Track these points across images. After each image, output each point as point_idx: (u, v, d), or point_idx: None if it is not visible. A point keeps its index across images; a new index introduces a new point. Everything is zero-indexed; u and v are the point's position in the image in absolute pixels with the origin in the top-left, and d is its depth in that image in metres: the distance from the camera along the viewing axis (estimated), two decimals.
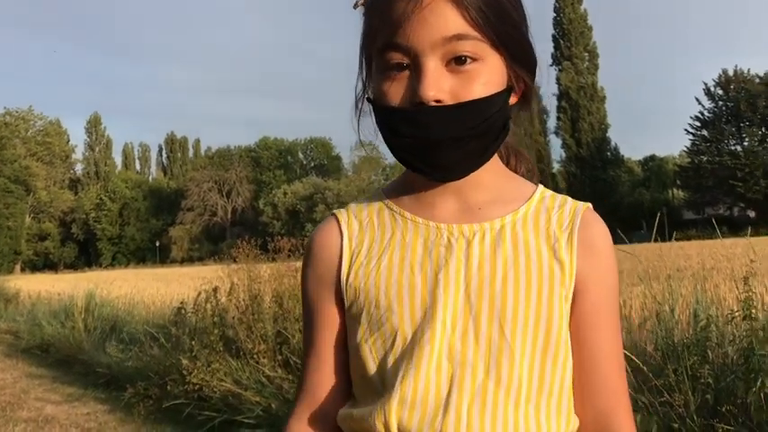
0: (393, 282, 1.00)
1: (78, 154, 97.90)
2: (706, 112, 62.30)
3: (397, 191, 1.08)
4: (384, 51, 0.95)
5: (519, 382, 0.94)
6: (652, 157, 78.94)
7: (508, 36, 0.95)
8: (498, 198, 1.04)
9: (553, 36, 68.32)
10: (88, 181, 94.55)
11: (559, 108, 66.61)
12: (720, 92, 61.44)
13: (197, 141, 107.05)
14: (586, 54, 67.32)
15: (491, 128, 0.96)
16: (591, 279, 1.00)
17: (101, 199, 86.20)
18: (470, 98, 0.92)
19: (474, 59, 0.92)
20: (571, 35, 66.75)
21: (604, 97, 66.83)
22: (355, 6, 1.00)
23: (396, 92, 0.95)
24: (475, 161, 0.97)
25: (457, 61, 0.92)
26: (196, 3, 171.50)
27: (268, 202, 76.39)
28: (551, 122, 68.92)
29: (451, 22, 0.91)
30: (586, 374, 1.00)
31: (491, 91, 0.94)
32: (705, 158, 61.11)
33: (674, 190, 71.41)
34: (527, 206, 1.04)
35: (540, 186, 1.09)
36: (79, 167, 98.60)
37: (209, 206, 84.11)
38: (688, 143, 63.99)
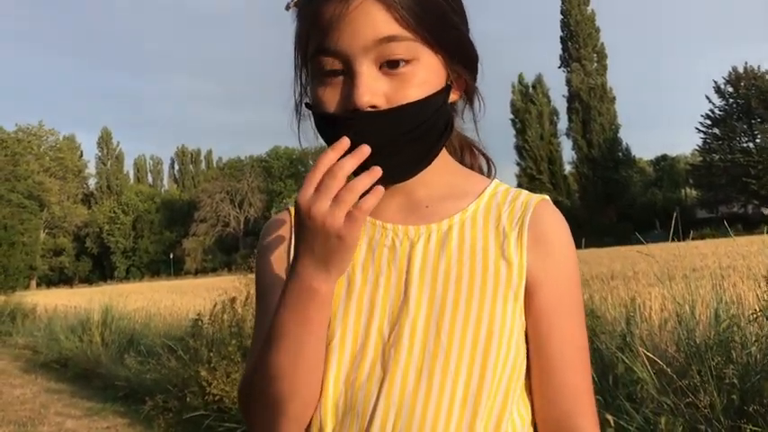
0: None
1: (91, 168, 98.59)
2: (717, 110, 61.94)
3: None
4: (316, 56, 0.93)
5: (452, 391, 0.90)
6: (664, 157, 78.67)
7: (444, 34, 0.93)
8: (448, 194, 1.02)
9: (561, 38, 68.29)
10: (101, 195, 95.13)
11: (570, 109, 66.47)
12: (731, 89, 61.07)
13: (209, 153, 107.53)
14: (595, 55, 67.16)
15: (431, 129, 0.93)
16: (544, 276, 0.96)
17: (114, 212, 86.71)
18: (406, 101, 0.90)
19: (408, 61, 0.90)
20: (579, 37, 66.62)
21: (614, 98, 66.65)
22: (287, 8, 0.98)
23: (331, 98, 0.92)
24: (418, 163, 0.94)
25: (390, 64, 0.90)
26: (204, 15, 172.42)
27: (280, 212, 76.35)
28: (562, 124, 68.87)
29: (381, 23, 0.88)
30: (547, 375, 0.97)
31: (428, 92, 0.91)
32: (717, 156, 60.70)
33: (687, 189, 71.03)
34: (477, 203, 1.01)
35: (495, 181, 1.06)
36: (92, 182, 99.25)
37: (222, 217, 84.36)
38: (699, 142, 63.81)
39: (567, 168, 69.26)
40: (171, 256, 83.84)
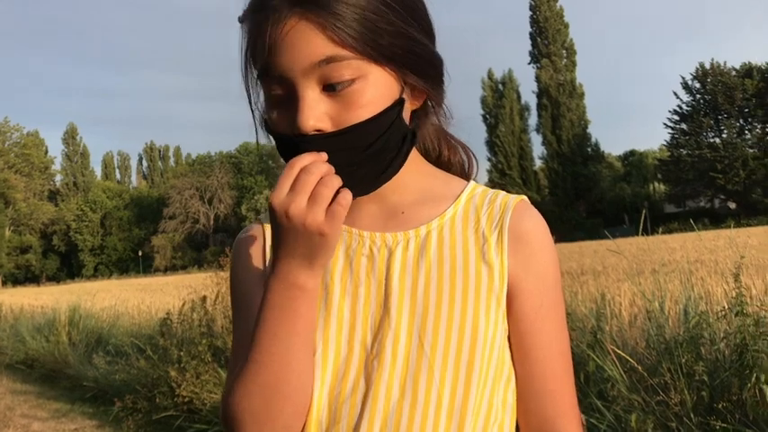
0: None
1: (57, 165, 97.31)
2: (684, 106, 62.80)
3: None
4: (262, 78, 0.92)
5: (438, 402, 0.89)
6: (632, 152, 79.61)
7: (391, 47, 0.89)
8: (424, 198, 1.00)
9: (530, 34, 68.70)
10: (67, 192, 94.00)
11: (540, 105, 66.95)
12: (698, 85, 61.94)
13: (177, 149, 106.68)
14: (564, 51, 67.69)
15: (387, 145, 0.91)
16: (526, 279, 0.95)
17: (81, 210, 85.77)
18: (353, 122, 0.87)
19: (353, 80, 0.87)
20: (548, 33, 67.09)
21: (583, 94, 67.25)
22: (240, 21, 0.95)
23: (279, 119, 0.91)
24: (377, 179, 0.92)
25: (330, 87, 0.87)
26: (173, 9, 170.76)
27: (251, 208, 76.11)
28: (532, 120, 69.34)
29: (319, 45, 0.85)
30: (530, 380, 0.96)
31: (377, 109, 0.88)
32: (685, 152, 61.54)
33: (655, 184, 71.95)
34: (454, 207, 0.99)
35: (472, 183, 1.04)
36: (58, 178, 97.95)
37: (192, 214, 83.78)
38: (667, 137, 64.60)
39: (538, 164, 69.82)
40: (140, 254, 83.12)
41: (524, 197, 1.01)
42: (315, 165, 0.84)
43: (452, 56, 1.00)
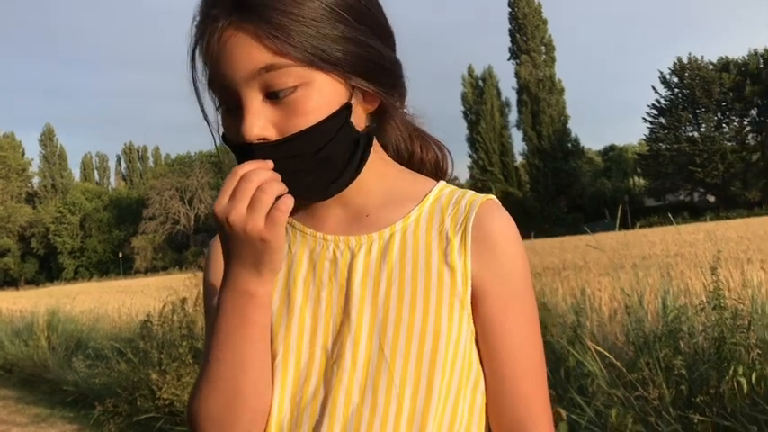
0: (275, 297, 0.95)
1: (34, 167, 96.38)
2: (663, 100, 63.38)
3: None
4: (210, 87, 0.92)
5: (398, 407, 0.88)
6: (612, 147, 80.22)
7: (334, 52, 0.87)
8: (390, 200, 0.98)
9: (509, 30, 68.93)
10: (45, 194, 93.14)
11: (520, 102, 67.22)
12: (676, 79, 62.48)
13: (156, 149, 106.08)
14: (543, 47, 67.99)
15: (335, 151, 0.89)
16: (491, 280, 0.93)
17: (60, 212, 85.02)
18: (298, 129, 0.87)
19: (295, 87, 0.86)
20: (527, 29, 67.35)
21: (563, 89, 67.59)
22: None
23: (229, 127, 0.91)
24: (331, 185, 0.91)
25: (273, 95, 0.87)
26: (147, 8, 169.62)
27: None
28: (513, 116, 69.60)
29: (255, 54, 0.85)
30: (499, 383, 0.95)
31: (322, 116, 0.87)
32: (664, 146, 62.11)
33: (635, 178, 72.52)
34: (419, 208, 0.97)
35: (441, 183, 1.02)
36: (36, 181, 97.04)
37: (172, 214, 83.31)
38: (646, 131, 65.10)
39: (519, 160, 70.11)
40: (120, 256, 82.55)
41: (493, 197, 0.99)
42: (255, 172, 0.84)
43: (430, 54, 0.98)
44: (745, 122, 61.15)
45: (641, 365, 3.41)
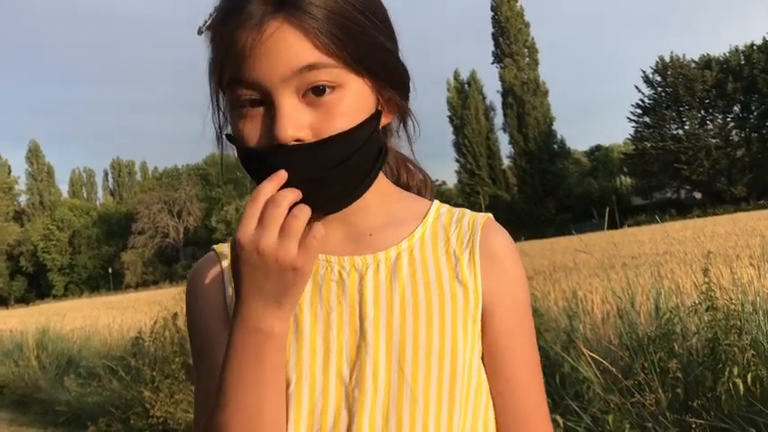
0: None
1: (21, 185, 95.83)
2: (646, 99, 63.64)
3: None
4: (232, 87, 0.86)
5: (424, 428, 0.87)
6: (598, 147, 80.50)
7: (370, 58, 0.86)
8: (390, 221, 0.97)
9: (492, 34, 69.15)
10: (33, 211, 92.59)
11: (505, 105, 67.35)
12: (659, 78, 62.79)
13: (143, 163, 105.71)
14: (526, 50, 68.21)
15: (364, 158, 0.88)
16: (500, 296, 0.94)
17: (48, 229, 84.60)
18: (334, 132, 0.83)
19: (333, 88, 0.83)
20: (509, 32, 67.56)
21: (547, 91, 67.80)
22: (200, 32, 0.90)
23: (251, 131, 0.85)
24: (351, 193, 0.89)
25: (315, 91, 0.83)
26: (131, 22, 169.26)
27: (220, 220, 75.58)
28: (498, 119, 69.75)
29: (301, 51, 0.81)
30: (504, 398, 0.94)
31: (356, 120, 0.85)
32: (649, 144, 62.33)
33: (622, 177, 72.75)
34: (423, 227, 0.97)
35: (435, 202, 1.01)
36: (23, 198, 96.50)
37: (161, 228, 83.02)
38: (631, 131, 65.33)
39: (506, 162, 70.24)
40: (110, 271, 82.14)
41: (490, 215, 0.99)
42: (282, 195, 0.79)
43: (416, 58, 0.98)
44: (729, 119, 61.50)
45: (636, 370, 3.40)
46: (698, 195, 62.09)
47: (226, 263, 0.97)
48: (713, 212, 45.97)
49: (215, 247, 1.02)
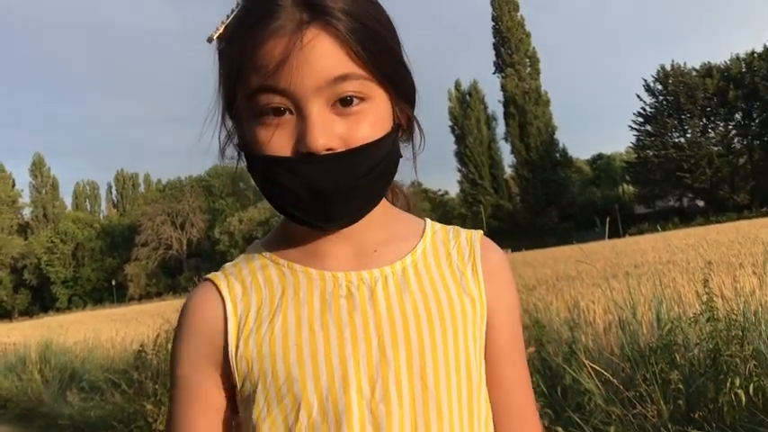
0: (291, 345, 0.88)
1: (25, 198, 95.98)
2: (648, 108, 63.72)
3: (279, 243, 0.97)
4: (258, 95, 0.84)
5: None
6: (600, 156, 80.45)
7: (391, 70, 0.88)
8: (392, 237, 0.97)
9: (493, 44, 69.33)
10: (37, 224, 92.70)
11: (506, 114, 67.49)
12: (660, 87, 62.86)
13: (147, 175, 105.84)
14: (527, 60, 68.40)
15: (385, 171, 0.89)
16: (500, 308, 0.97)
17: (52, 242, 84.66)
18: (362, 142, 0.84)
19: (362, 99, 0.84)
20: (511, 42, 67.75)
21: (548, 101, 67.94)
22: (210, 40, 0.89)
23: (277, 140, 0.84)
24: (368, 207, 0.89)
25: (342, 102, 0.83)
26: (134, 35, 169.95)
27: (224, 231, 75.65)
28: (500, 129, 69.85)
29: (336, 61, 0.82)
30: (505, 408, 0.97)
31: (381, 132, 0.86)
32: (651, 153, 62.36)
33: (624, 186, 72.72)
34: (423, 243, 0.98)
35: (427, 220, 1.03)
36: (27, 211, 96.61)
37: (164, 240, 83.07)
38: (633, 139, 65.37)
39: (508, 172, 70.30)
40: (113, 283, 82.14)
41: (481, 231, 1.02)
42: None
43: (416, 68, 0.99)
44: (731, 126, 61.54)
45: (638, 381, 3.39)
46: (701, 203, 62.02)
47: (230, 305, 0.93)
48: (716, 220, 45.95)
49: (210, 276, 0.98)
